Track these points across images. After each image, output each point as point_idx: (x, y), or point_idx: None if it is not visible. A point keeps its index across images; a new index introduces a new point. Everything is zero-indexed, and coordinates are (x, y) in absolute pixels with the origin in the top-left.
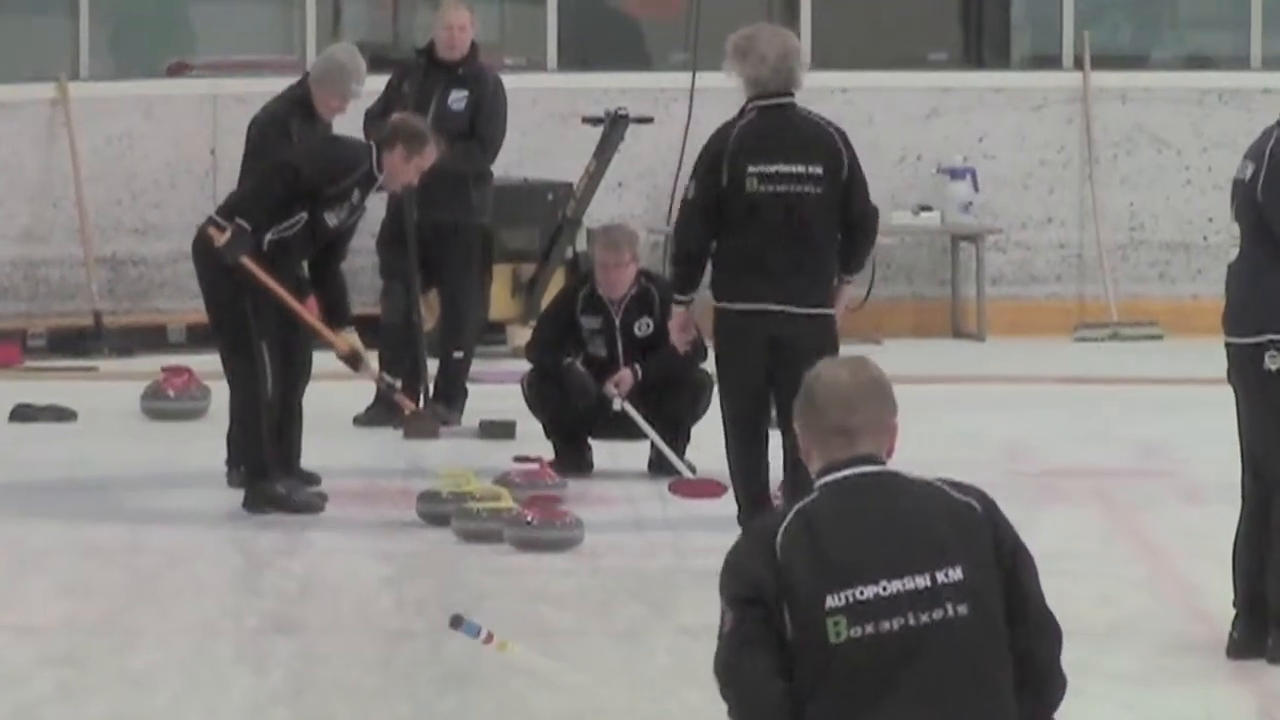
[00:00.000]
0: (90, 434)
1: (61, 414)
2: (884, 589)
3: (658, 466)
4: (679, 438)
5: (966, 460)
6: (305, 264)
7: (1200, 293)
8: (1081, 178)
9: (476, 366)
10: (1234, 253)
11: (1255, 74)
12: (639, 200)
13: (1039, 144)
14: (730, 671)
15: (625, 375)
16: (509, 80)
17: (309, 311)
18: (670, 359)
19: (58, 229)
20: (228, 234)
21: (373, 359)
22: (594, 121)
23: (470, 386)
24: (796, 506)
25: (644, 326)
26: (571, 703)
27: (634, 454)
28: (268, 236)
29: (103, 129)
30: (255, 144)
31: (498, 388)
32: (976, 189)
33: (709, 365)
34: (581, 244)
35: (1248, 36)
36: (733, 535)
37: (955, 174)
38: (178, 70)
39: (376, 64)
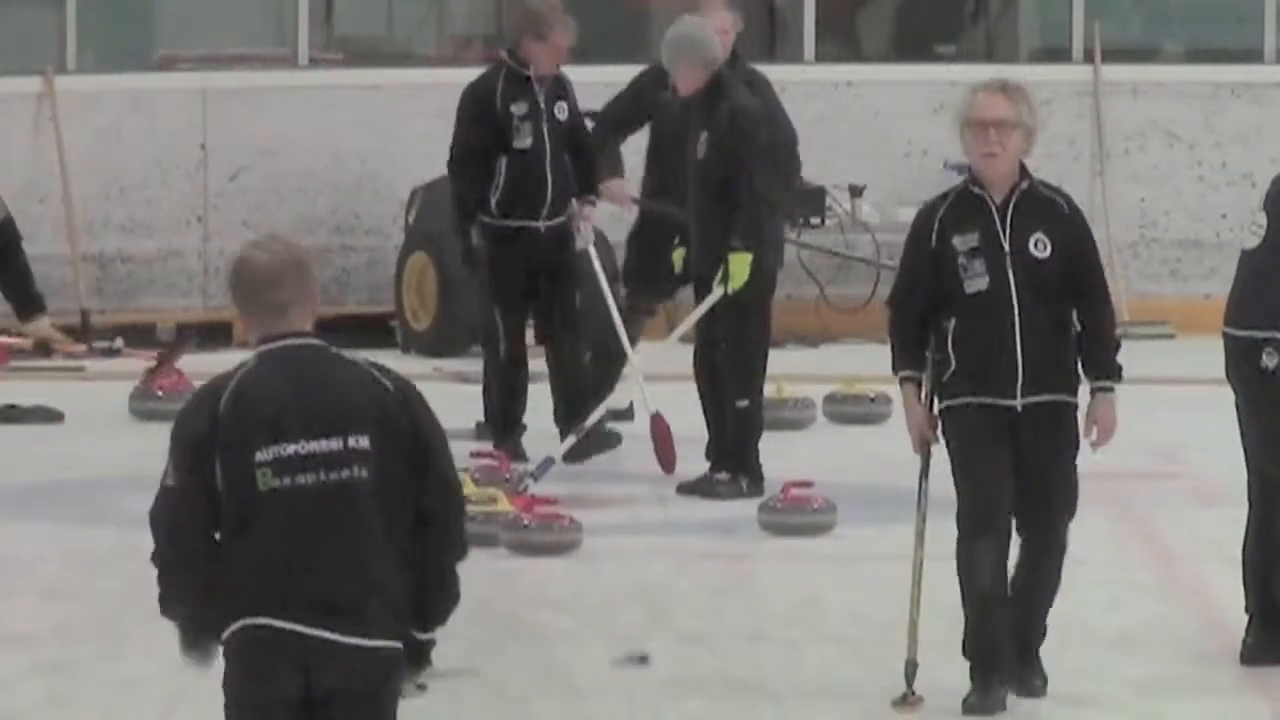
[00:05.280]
0: (78, 435)
1: (49, 415)
2: (303, 447)
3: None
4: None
5: None
6: None
7: (1213, 291)
8: (1091, 173)
9: (472, 366)
10: (1251, 241)
11: (1269, 67)
12: None
13: (1048, 138)
14: (163, 520)
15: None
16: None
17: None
18: None
19: (44, 225)
20: None
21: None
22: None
23: (466, 387)
24: (240, 372)
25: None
26: (568, 710)
27: (634, 456)
28: None
29: (90, 123)
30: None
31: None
32: None
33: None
34: None
35: (1261, 29)
36: (736, 540)
37: (963, 170)
38: (167, 63)
39: (370, 58)
